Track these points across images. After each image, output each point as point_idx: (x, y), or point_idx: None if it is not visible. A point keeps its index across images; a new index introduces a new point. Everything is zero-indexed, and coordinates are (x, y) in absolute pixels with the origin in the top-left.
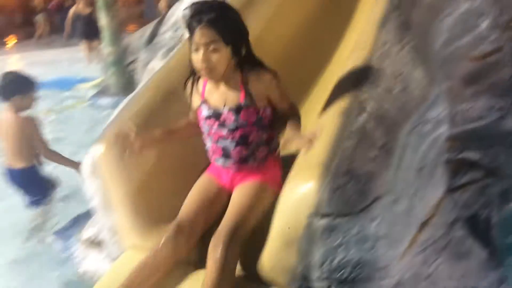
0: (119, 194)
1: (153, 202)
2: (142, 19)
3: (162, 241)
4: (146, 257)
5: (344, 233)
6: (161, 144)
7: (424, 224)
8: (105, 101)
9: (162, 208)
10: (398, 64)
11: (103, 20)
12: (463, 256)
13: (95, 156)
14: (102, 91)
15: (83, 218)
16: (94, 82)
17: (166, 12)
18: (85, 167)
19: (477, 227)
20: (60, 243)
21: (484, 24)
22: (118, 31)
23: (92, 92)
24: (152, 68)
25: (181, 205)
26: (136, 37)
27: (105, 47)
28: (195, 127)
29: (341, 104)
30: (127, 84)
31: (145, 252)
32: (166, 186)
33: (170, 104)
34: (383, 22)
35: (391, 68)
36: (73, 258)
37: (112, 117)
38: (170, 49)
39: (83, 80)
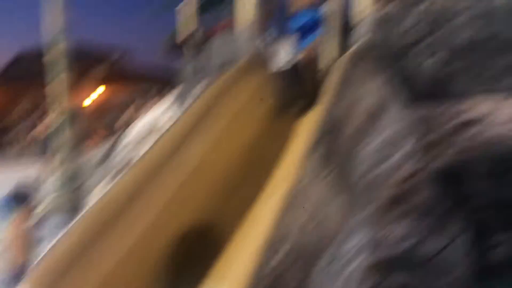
0: None
1: None
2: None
3: None
4: None
5: None
6: None
7: None
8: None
9: None
10: (319, 193)
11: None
12: None
13: None
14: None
15: None
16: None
17: (123, 130)
18: None
19: None
20: None
21: (400, 153)
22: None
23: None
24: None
25: None
26: (94, 154)
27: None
28: None
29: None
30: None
31: None
32: None
33: (98, 245)
34: (309, 153)
35: (314, 196)
36: None
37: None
38: (118, 172)
39: None
